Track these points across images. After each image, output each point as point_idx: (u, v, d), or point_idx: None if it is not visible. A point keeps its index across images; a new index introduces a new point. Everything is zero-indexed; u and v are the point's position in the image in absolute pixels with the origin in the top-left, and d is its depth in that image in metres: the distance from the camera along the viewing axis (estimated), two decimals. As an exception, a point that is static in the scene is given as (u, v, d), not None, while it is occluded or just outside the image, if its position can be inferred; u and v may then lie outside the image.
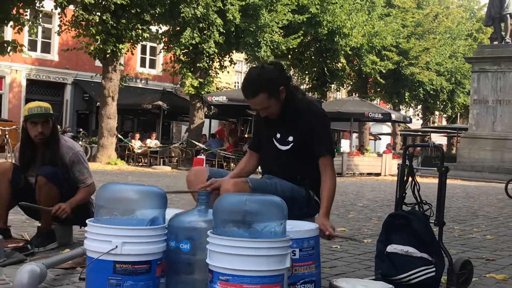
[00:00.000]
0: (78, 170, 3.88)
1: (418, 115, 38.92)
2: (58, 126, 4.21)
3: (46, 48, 27.55)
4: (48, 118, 3.78)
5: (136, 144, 20.53)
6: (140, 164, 20.11)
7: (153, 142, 21.10)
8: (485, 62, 19.89)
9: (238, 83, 33.96)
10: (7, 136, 13.70)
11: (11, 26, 16.97)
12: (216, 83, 22.84)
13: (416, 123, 38.46)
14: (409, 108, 38.06)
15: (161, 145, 21.41)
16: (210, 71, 20.76)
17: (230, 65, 22.70)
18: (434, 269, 2.94)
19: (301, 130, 3.01)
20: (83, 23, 17.37)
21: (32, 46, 25.92)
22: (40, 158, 3.82)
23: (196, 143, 19.90)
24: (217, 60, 21.10)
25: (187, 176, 3.09)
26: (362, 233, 5.31)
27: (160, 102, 21.73)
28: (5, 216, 3.87)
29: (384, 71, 26.22)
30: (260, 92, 2.89)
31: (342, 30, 22.53)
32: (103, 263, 2.19)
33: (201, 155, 19.27)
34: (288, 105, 2.99)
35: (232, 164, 19.53)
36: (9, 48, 16.33)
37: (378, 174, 20.25)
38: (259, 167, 3.34)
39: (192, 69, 20.21)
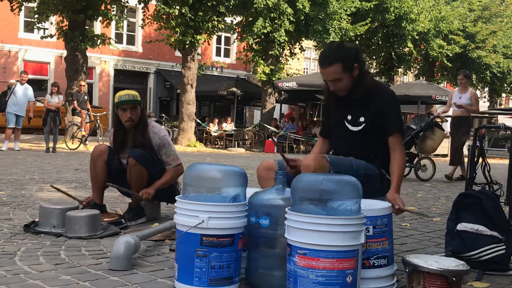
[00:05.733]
0: (164, 153, 4.00)
1: (485, 97, 37.31)
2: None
3: (131, 40, 28.38)
4: (136, 105, 3.90)
5: (213, 128, 20.96)
6: (217, 146, 20.45)
7: (228, 126, 21.47)
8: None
9: (307, 69, 33.71)
10: (98, 121, 14.20)
11: (100, 21, 17.58)
12: (286, 70, 22.78)
13: (483, 105, 36.86)
14: (476, 91, 36.57)
15: (235, 128, 21.67)
16: (280, 58, 20.74)
17: (300, 52, 22.57)
18: (504, 246, 2.87)
19: (372, 111, 2.95)
20: (164, 16, 17.77)
21: (119, 38, 26.78)
22: (131, 141, 3.96)
23: (268, 126, 20.00)
24: (288, 47, 21.03)
25: (257, 170, 3.06)
26: (431, 211, 5.20)
27: (234, 89, 21.93)
28: (101, 194, 4.06)
29: (451, 55, 25.24)
30: (336, 62, 2.86)
31: (409, 16, 21.87)
32: (191, 236, 2.26)
33: (272, 137, 19.34)
34: (359, 85, 2.94)
35: (301, 146, 19.50)
36: (98, 41, 16.91)
37: (445, 155, 19.62)
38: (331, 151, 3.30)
39: (264, 57, 20.25)
